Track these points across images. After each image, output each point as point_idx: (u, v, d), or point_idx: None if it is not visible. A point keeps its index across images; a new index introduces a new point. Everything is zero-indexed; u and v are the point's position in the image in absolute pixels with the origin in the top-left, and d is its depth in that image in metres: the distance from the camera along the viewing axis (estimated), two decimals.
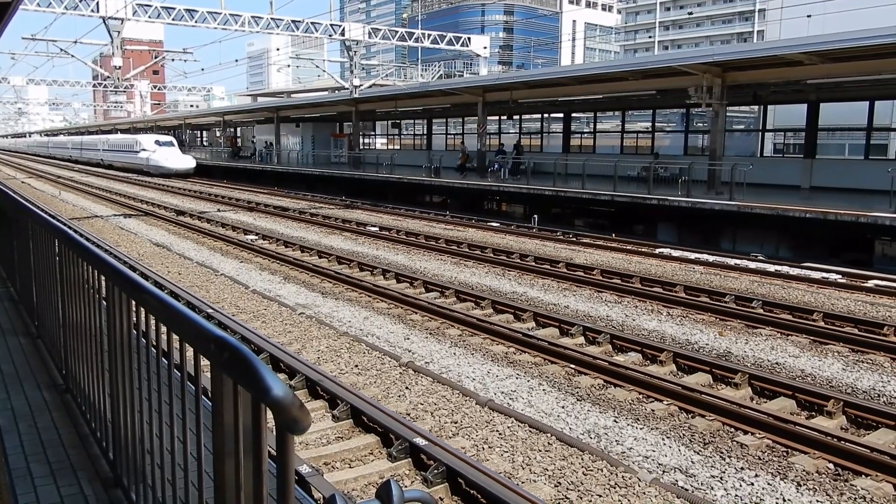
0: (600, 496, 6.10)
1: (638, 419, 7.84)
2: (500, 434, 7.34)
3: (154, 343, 2.75)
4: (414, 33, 34.55)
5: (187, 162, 54.70)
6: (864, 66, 19.95)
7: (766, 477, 6.52)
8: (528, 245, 20.53)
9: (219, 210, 30.52)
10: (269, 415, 1.75)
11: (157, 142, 56.44)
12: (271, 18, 29.68)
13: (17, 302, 7.02)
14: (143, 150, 56.19)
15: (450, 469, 6.30)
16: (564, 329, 11.26)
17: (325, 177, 40.25)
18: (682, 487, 6.31)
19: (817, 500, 6.14)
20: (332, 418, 7.87)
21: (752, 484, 6.39)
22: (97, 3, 26.02)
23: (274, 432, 1.72)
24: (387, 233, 22.93)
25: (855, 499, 6.16)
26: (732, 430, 7.53)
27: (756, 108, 30.28)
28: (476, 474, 6.11)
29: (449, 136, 46.41)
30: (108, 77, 41.08)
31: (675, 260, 18.03)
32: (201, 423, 2.30)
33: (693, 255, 18.39)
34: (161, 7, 27.46)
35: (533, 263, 17.23)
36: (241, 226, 24.50)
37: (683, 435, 7.44)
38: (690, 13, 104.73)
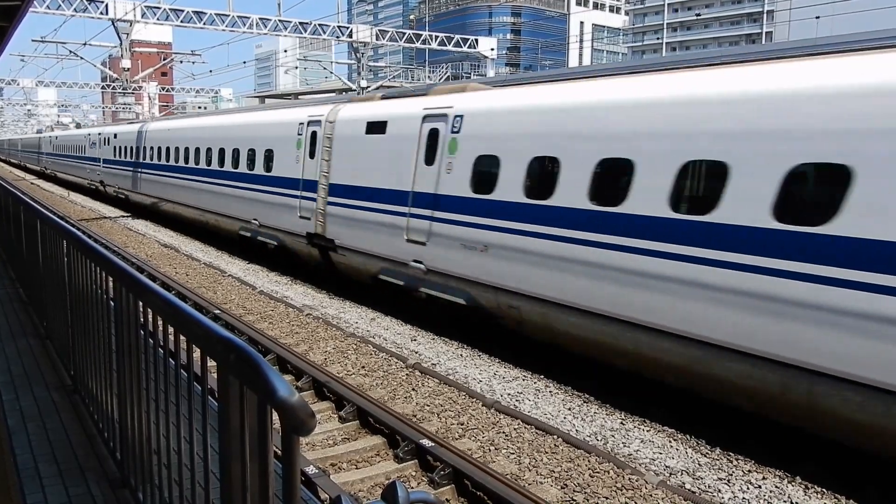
0: (607, 498, 6.08)
1: (645, 421, 7.82)
2: (506, 436, 7.34)
3: (161, 344, 2.77)
4: (421, 35, 34.62)
5: None
6: None
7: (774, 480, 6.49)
8: None
9: None
10: (276, 416, 1.76)
11: None
12: (279, 20, 29.80)
13: (27, 303, 7.07)
14: None
15: (456, 470, 6.30)
16: None
17: None
18: (689, 490, 6.29)
19: None
20: (338, 419, 7.89)
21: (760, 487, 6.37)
22: (106, 6, 26.19)
23: (280, 433, 1.73)
24: None
25: None
26: None
27: None
28: (482, 476, 6.11)
29: None
30: (117, 79, 41.26)
31: None
32: (208, 424, 2.31)
33: None
34: (169, 9, 27.61)
35: None
36: None
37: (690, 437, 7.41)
38: (698, 15, 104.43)
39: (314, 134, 14.25)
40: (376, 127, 12.50)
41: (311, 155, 14.21)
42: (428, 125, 11.26)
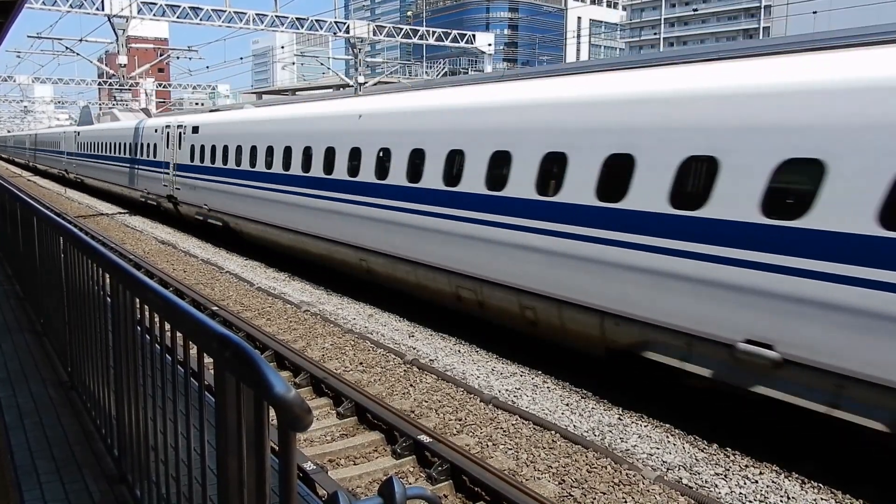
0: (604, 493, 6.09)
1: (642, 417, 7.83)
2: (504, 431, 7.34)
3: (158, 340, 2.76)
4: (418, 30, 34.58)
5: None
6: None
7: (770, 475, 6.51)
8: None
9: None
10: (272, 411, 1.76)
11: None
12: (276, 16, 29.74)
13: (23, 299, 7.05)
14: None
15: (454, 466, 6.30)
16: None
17: None
18: (686, 485, 6.30)
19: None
20: (336, 415, 7.89)
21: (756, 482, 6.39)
22: (102, 2, 26.11)
23: (277, 429, 1.72)
24: None
25: None
26: None
27: None
28: (480, 471, 6.11)
29: None
30: (114, 75, 41.19)
31: None
32: (205, 420, 2.31)
33: None
34: (166, 5, 27.53)
35: None
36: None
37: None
38: (695, 10, 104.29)
39: None
40: None
41: None
42: None
